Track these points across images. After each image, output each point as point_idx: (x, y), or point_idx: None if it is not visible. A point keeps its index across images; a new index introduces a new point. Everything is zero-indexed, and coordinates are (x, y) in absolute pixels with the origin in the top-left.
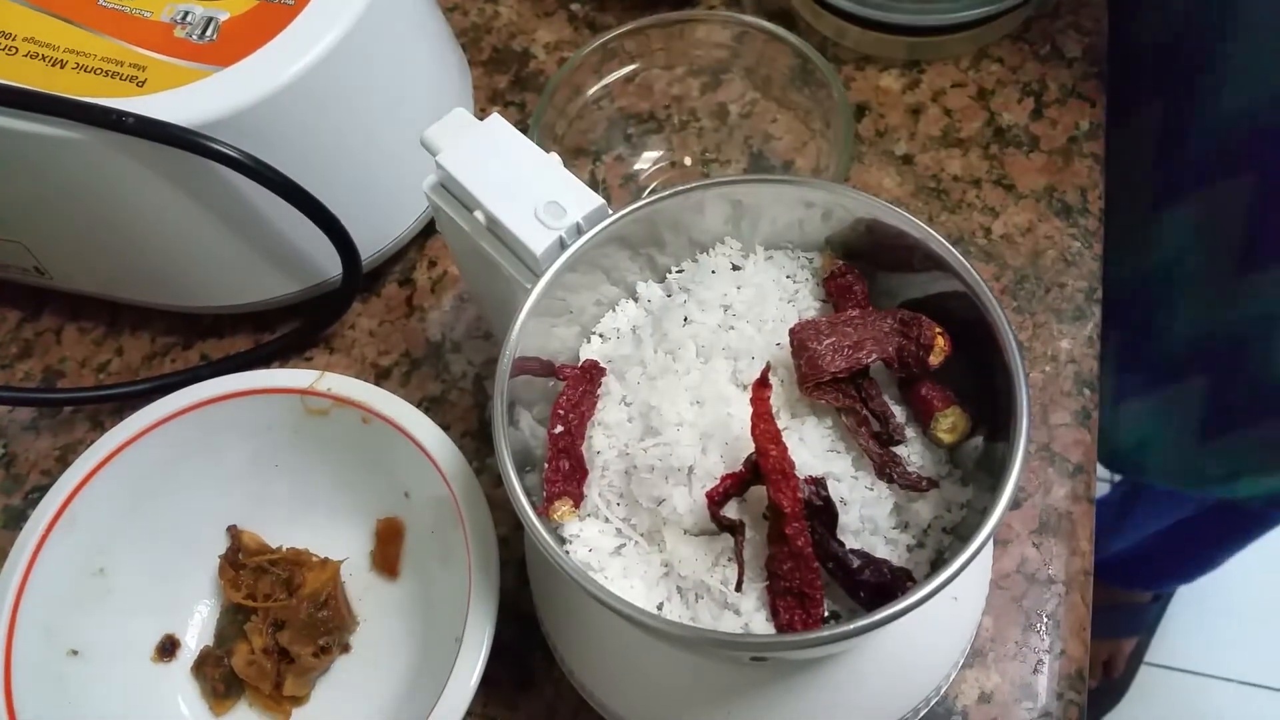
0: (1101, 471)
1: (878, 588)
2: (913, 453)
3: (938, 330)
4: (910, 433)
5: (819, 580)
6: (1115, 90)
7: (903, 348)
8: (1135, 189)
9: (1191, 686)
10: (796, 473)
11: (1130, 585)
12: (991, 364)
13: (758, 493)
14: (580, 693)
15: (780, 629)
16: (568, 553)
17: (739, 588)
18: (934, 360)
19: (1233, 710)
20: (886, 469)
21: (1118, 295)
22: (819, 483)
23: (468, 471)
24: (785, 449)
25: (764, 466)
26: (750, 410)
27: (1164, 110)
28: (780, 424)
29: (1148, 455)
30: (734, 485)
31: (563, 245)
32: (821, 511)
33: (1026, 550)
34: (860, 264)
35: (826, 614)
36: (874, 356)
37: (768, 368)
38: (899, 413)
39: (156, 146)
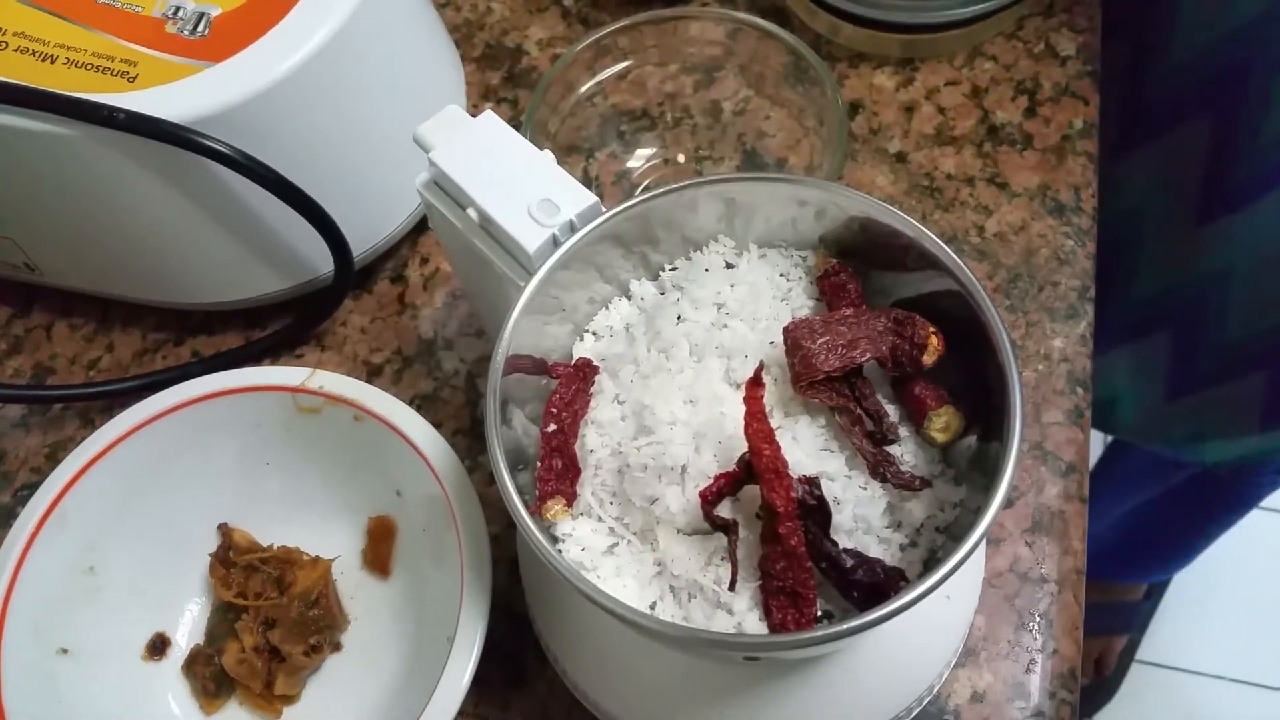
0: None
1: (871, 588)
2: (906, 452)
3: (931, 329)
4: (903, 432)
5: (812, 580)
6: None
7: (896, 347)
8: (1102, 134)
9: (1183, 684)
10: (790, 472)
11: (1118, 575)
12: (985, 363)
13: (751, 492)
14: (573, 692)
15: (773, 629)
16: (560, 552)
17: (732, 587)
18: (927, 359)
19: (1223, 708)
20: (880, 468)
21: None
22: (812, 482)
23: (460, 470)
24: (779, 448)
25: (757, 466)
26: (743, 409)
27: (1129, 53)
28: (774, 423)
29: (1118, 411)
30: (727, 485)
31: (556, 243)
32: (815, 511)
33: (1019, 549)
34: (854, 262)
35: (819, 614)
36: (868, 355)
37: (761, 366)
38: (892, 412)
39: (147, 142)
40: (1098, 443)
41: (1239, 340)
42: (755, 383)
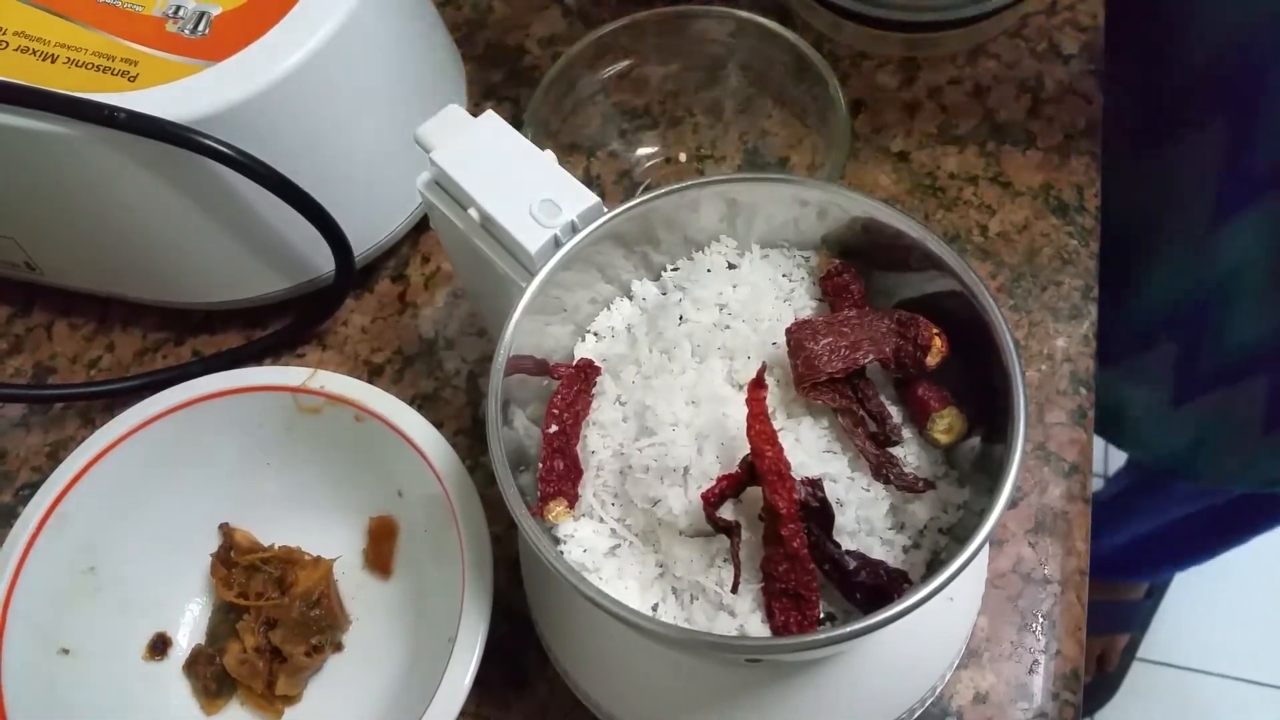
0: (1096, 468)
1: (874, 590)
2: (909, 453)
3: (935, 331)
4: (906, 434)
5: (815, 582)
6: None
7: (900, 348)
8: (1116, 139)
9: (1184, 682)
10: (793, 474)
11: (1125, 576)
12: (988, 364)
13: (754, 493)
14: (574, 693)
15: (776, 631)
16: (562, 553)
17: (735, 589)
18: (931, 361)
19: (1224, 706)
20: (883, 470)
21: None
22: (815, 484)
23: (461, 470)
24: (781, 450)
25: (760, 467)
26: (745, 410)
27: (1141, 58)
28: (776, 424)
29: (1125, 420)
30: (730, 486)
31: (557, 243)
32: (818, 513)
33: (1022, 550)
34: (857, 262)
35: (822, 615)
36: (871, 357)
37: (763, 368)
38: (895, 413)
39: (148, 142)
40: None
41: (1240, 347)
42: (758, 384)
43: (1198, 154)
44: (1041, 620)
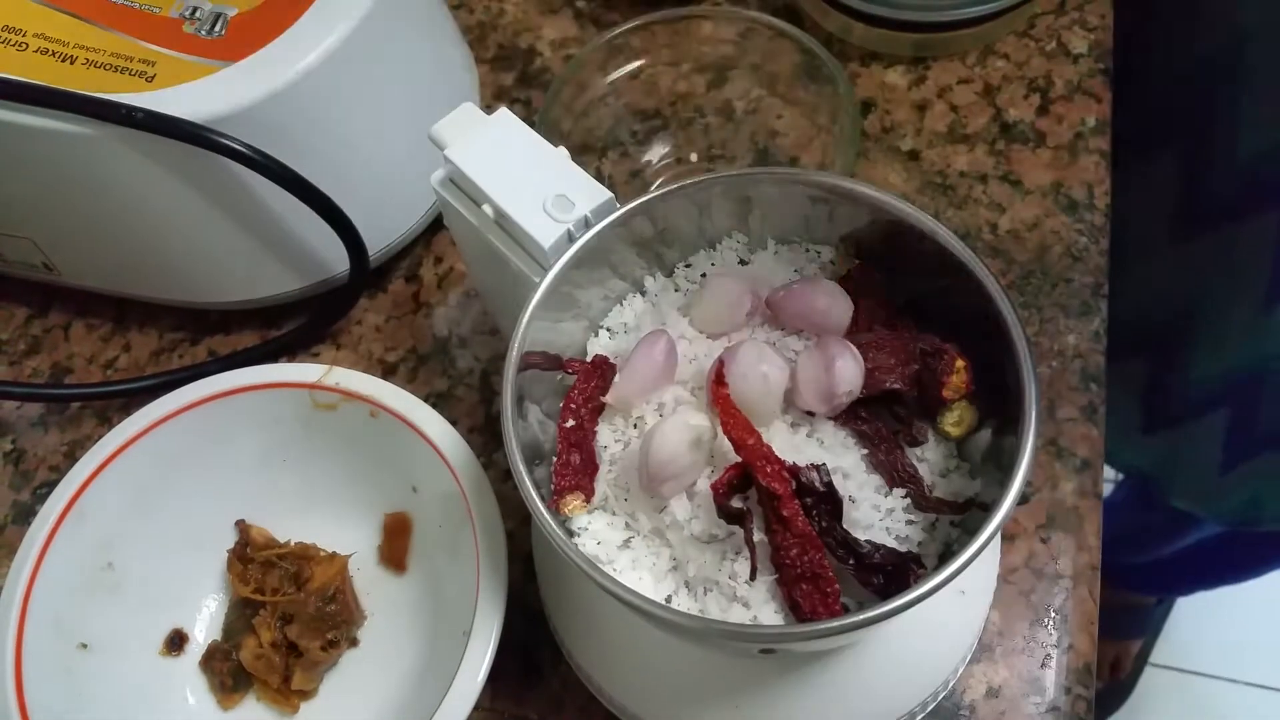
0: (1107, 471)
1: (890, 572)
2: (924, 447)
3: (961, 365)
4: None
5: (826, 559)
6: (1129, 130)
7: (921, 375)
8: (1155, 225)
9: (1197, 688)
10: (800, 463)
11: (1137, 591)
12: (1000, 358)
13: None
14: (588, 686)
15: (803, 619)
16: (576, 545)
17: (753, 575)
18: (948, 395)
19: (1238, 712)
20: (912, 497)
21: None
22: (820, 469)
23: (476, 466)
24: (759, 436)
25: (745, 458)
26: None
27: (1184, 152)
28: (789, 419)
29: (1175, 485)
30: (736, 476)
31: (571, 238)
32: (826, 498)
33: (1034, 545)
34: (873, 262)
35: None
36: (896, 385)
37: (720, 364)
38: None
39: (165, 141)
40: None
41: None
42: (719, 382)
43: (1253, 240)
44: (1054, 615)
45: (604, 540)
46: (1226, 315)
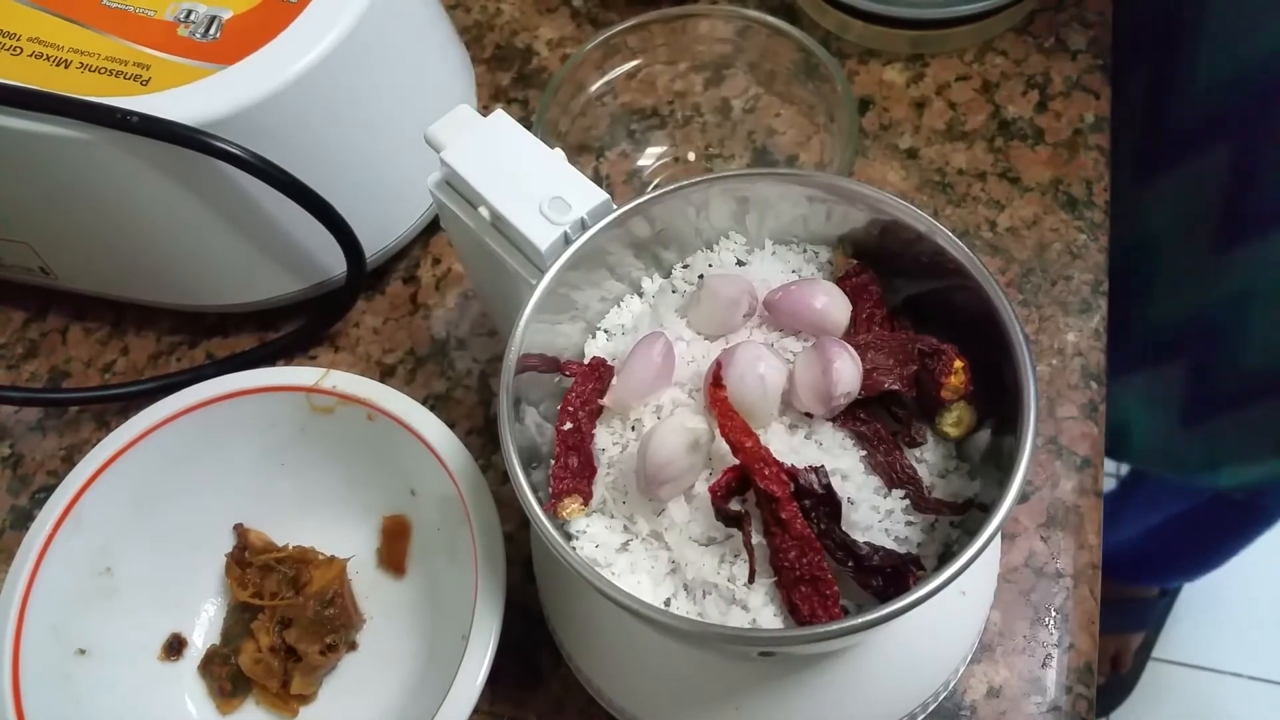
0: (1108, 466)
1: (890, 574)
2: (923, 448)
3: (959, 366)
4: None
5: (825, 562)
6: (1115, 62)
7: (919, 376)
8: (1121, 160)
9: (1199, 682)
10: (798, 465)
11: (1135, 581)
12: (998, 358)
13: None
14: (587, 689)
15: (802, 622)
16: (574, 549)
17: (751, 578)
18: (946, 396)
19: (1240, 705)
20: (911, 497)
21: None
22: (819, 471)
23: (474, 468)
24: (757, 438)
25: (743, 460)
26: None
27: (1149, 81)
28: (787, 421)
29: (1131, 438)
30: (734, 479)
31: (567, 240)
32: (825, 499)
33: (1034, 544)
34: (871, 263)
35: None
36: (894, 385)
37: (718, 366)
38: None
39: (161, 145)
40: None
41: (1258, 366)
42: (716, 384)
43: (1202, 181)
44: (1054, 614)
45: (602, 543)
46: (1180, 257)
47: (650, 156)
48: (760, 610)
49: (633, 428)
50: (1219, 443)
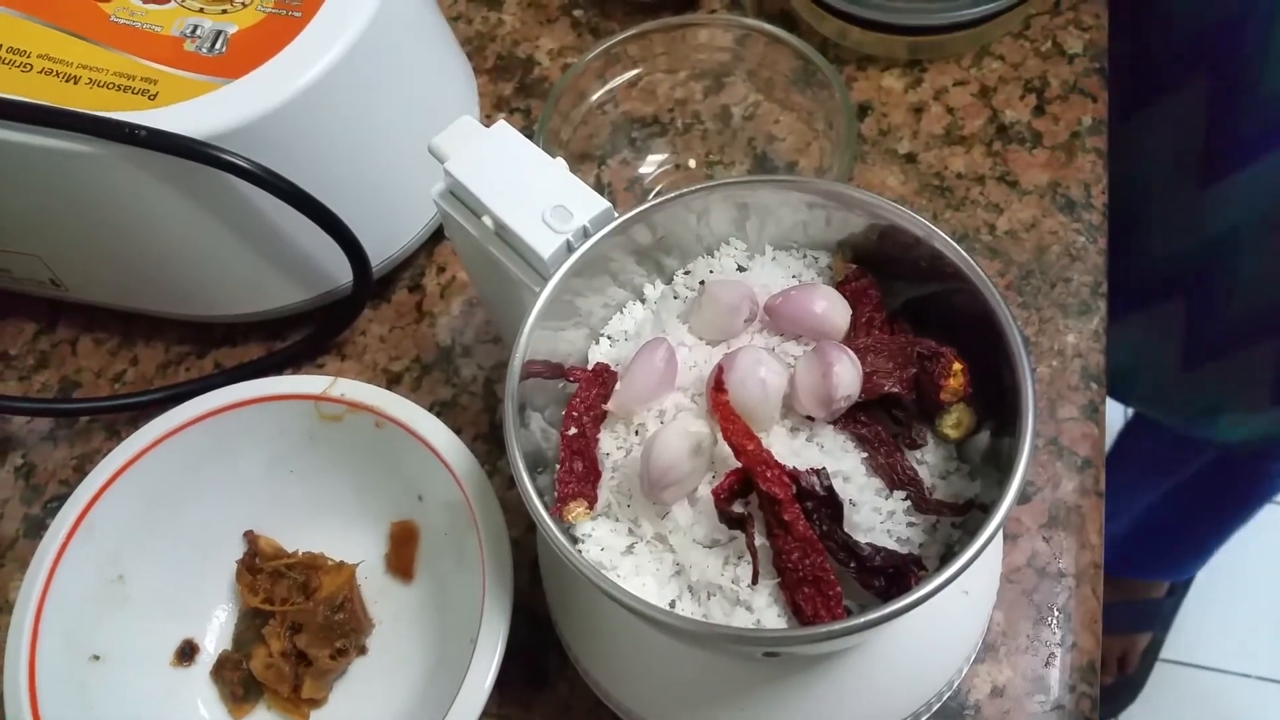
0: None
1: (891, 574)
2: (923, 449)
3: (958, 368)
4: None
5: (828, 563)
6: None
7: (919, 379)
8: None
9: (1207, 682)
10: (800, 467)
11: (1135, 574)
12: (997, 360)
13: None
14: (595, 691)
15: (805, 623)
16: (580, 552)
17: (755, 581)
18: (945, 398)
19: (1248, 706)
20: (911, 497)
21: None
22: (820, 473)
23: (480, 474)
24: (759, 441)
25: (745, 463)
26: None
27: (1130, 16)
28: (789, 424)
29: (1134, 380)
30: (737, 481)
31: (570, 248)
32: (826, 501)
33: (1036, 544)
34: (870, 267)
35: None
36: (895, 388)
37: (719, 371)
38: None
39: (169, 158)
40: (1114, 422)
41: (1248, 308)
42: (718, 389)
43: (1181, 116)
44: (1057, 614)
45: (607, 546)
46: (1171, 193)
47: (651, 164)
48: (764, 611)
49: (636, 432)
50: (1218, 388)
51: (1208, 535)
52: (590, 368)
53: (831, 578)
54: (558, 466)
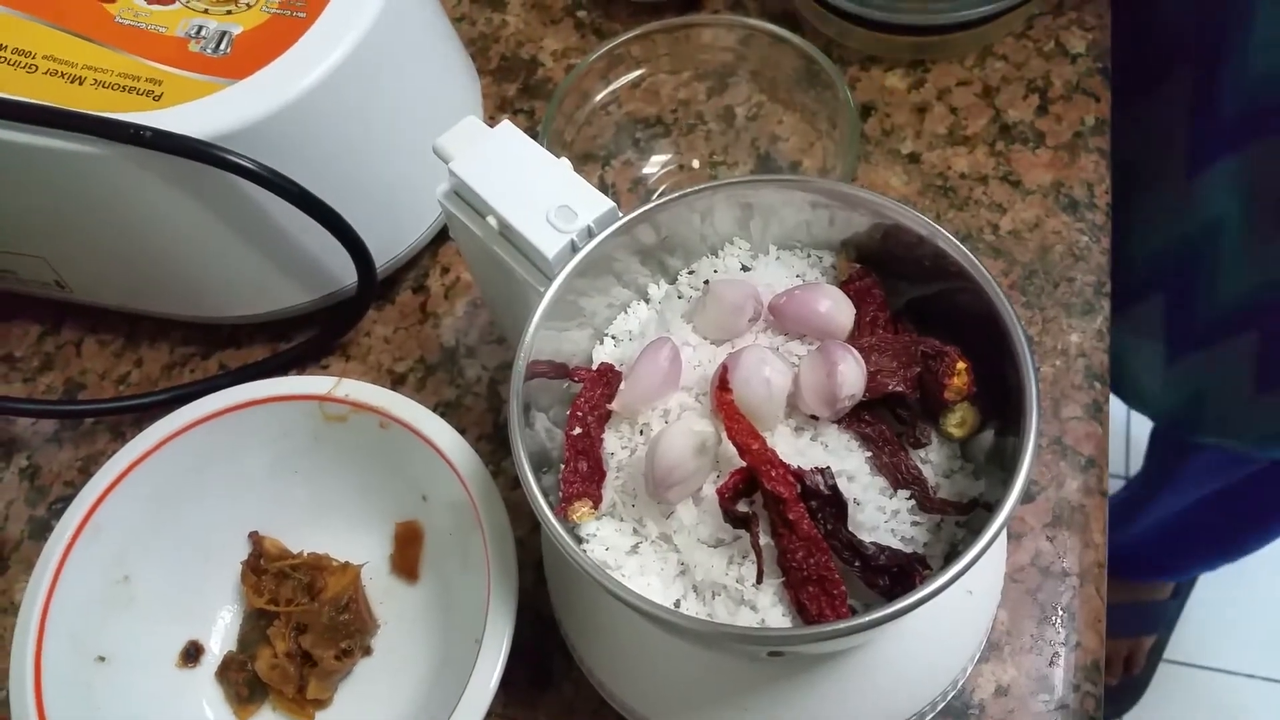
0: (1115, 468)
1: (896, 573)
2: (928, 448)
3: (962, 367)
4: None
5: (832, 562)
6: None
7: (923, 378)
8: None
9: (1212, 683)
10: (804, 466)
11: (1152, 575)
12: (1001, 359)
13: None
14: (599, 691)
15: (810, 622)
16: (585, 552)
17: (760, 579)
18: (949, 397)
19: (1253, 706)
20: (915, 496)
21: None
22: (825, 472)
23: (485, 474)
24: (764, 441)
25: (750, 462)
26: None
27: (1130, 11)
28: (793, 424)
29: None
30: (742, 480)
31: (574, 248)
32: (831, 500)
33: (1040, 544)
34: (874, 267)
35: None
36: (899, 386)
37: (724, 370)
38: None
39: (174, 159)
40: (1117, 422)
41: (1232, 298)
42: (722, 388)
43: (1167, 104)
44: (1061, 613)
45: (612, 546)
46: (1160, 183)
47: (655, 164)
48: (769, 610)
49: (641, 432)
50: (1200, 380)
51: (1226, 547)
52: (595, 368)
53: (836, 577)
54: (562, 466)
